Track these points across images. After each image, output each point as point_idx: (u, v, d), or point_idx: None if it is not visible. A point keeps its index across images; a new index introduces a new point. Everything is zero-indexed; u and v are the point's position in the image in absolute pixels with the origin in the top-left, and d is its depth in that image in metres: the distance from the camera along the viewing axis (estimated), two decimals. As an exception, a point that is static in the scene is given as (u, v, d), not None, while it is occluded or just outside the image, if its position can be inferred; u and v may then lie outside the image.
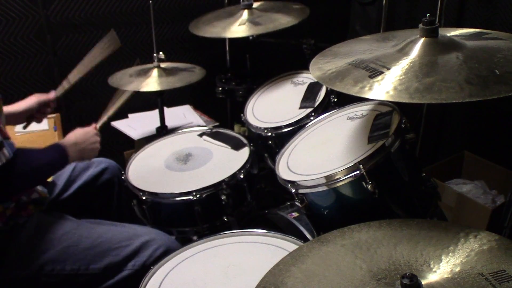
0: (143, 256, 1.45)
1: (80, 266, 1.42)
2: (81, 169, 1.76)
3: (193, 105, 2.60)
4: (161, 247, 1.46)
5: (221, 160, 1.79)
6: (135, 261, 1.45)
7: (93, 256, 1.43)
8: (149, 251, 1.45)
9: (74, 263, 1.41)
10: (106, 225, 1.53)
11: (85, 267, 1.42)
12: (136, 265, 1.44)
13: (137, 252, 1.45)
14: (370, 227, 1.05)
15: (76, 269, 1.41)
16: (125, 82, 1.95)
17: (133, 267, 1.44)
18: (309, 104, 1.80)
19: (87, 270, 1.42)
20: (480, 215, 2.10)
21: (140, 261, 1.44)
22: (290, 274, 0.94)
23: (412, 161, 1.41)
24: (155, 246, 1.46)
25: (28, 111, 1.69)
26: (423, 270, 0.90)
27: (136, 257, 1.45)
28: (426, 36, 1.15)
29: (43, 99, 1.71)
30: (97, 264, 1.43)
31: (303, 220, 1.61)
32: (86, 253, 1.43)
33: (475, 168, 2.44)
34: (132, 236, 1.48)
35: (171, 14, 2.60)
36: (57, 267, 1.40)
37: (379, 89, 1.05)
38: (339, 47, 1.36)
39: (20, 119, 1.69)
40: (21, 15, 2.24)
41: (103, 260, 1.43)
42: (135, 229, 1.53)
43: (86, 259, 1.42)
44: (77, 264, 1.42)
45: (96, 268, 1.43)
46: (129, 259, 1.45)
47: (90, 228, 1.49)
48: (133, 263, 1.44)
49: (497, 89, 0.96)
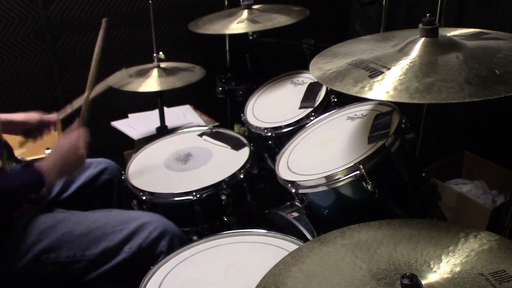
0: (139, 238, 1.43)
1: (75, 253, 1.41)
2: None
3: (193, 105, 2.60)
4: (158, 229, 1.45)
5: (221, 160, 1.79)
6: (131, 243, 1.43)
7: (88, 242, 1.42)
8: (145, 233, 1.44)
9: (69, 250, 1.40)
10: (101, 211, 1.53)
11: (81, 253, 1.41)
12: (133, 247, 1.43)
13: (133, 234, 1.44)
14: (370, 227, 1.05)
15: (72, 256, 1.41)
16: (125, 82, 1.95)
17: (130, 249, 1.43)
18: (309, 104, 1.80)
19: (83, 256, 1.41)
20: (480, 215, 2.10)
21: (137, 243, 1.43)
22: (290, 274, 0.94)
23: (412, 161, 1.41)
24: (151, 228, 1.45)
25: (27, 124, 1.65)
26: (423, 270, 0.90)
27: (132, 239, 1.43)
28: (426, 36, 1.15)
29: (45, 119, 1.67)
30: (93, 249, 1.42)
31: (303, 220, 1.61)
32: (81, 239, 1.41)
33: (475, 168, 2.44)
34: (127, 220, 1.47)
35: (171, 14, 2.60)
36: (52, 255, 1.39)
37: (379, 89, 1.05)
38: (339, 47, 1.36)
39: (18, 129, 1.65)
40: (21, 15, 2.24)
41: (98, 245, 1.42)
42: (130, 213, 1.52)
43: (81, 245, 1.41)
44: (72, 251, 1.41)
45: (92, 253, 1.42)
46: (125, 242, 1.43)
47: (84, 215, 1.49)
48: (129, 245, 1.43)
49: (497, 89, 0.96)
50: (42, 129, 1.69)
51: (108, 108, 2.50)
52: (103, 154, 1.87)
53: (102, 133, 2.49)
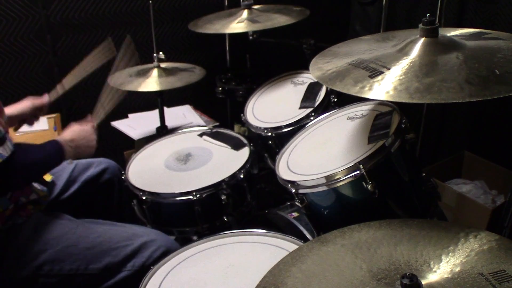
0: (143, 256, 1.44)
1: (79, 266, 1.41)
2: (81, 169, 1.75)
3: (193, 105, 2.60)
4: (161, 248, 1.45)
5: (221, 160, 1.79)
6: (134, 261, 1.44)
7: (92, 256, 1.42)
8: (149, 251, 1.44)
9: (72, 263, 1.41)
10: (106, 225, 1.52)
11: (84, 267, 1.41)
12: (136, 265, 1.44)
13: (136, 252, 1.45)
14: (370, 227, 1.05)
15: (75, 269, 1.41)
16: (125, 82, 1.95)
17: (133, 267, 1.44)
18: (309, 104, 1.80)
19: (86, 270, 1.41)
20: (480, 215, 2.10)
21: (140, 262, 1.44)
22: (290, 274, 0.94)
23: (412, 161, 1.41)
24: (154, 247, 1.45)
25: (22, 115, 1.68)
26: (423, 270, 0.90)
27: (135, 257, 1.44)
28: (426, 36, 1.15)
29: (37, 103, 1.71)
30: (96, 264, 1.42)
31: (303, 220, 1.60)
32: (85, 253, 1.42)
33: (475, 168, 2.44)
34: (131, 236, 1.47)
35: (171, 14, 2.60)
36: (55, 267, 1.40)
37: (379, 89, 1.05)
38: (339, 47, 1.35)
39: (14, 122, 1.69)
40: (21, 15, 2.24)
41: (102, 260, 1.42)
42: (135, 230, 1.52)
43: (85, 259, 1.41)
44: (75, 264, 1.41)
45: (95, 268, 1.42)
46: (128, 260, 1.44)
47: (89, 228, 1.49)
48: (132, 263, 1.44)
49: (497, 89, 0.96)
50: (36, 114, 1.74)
51: (108, 108, 2.51)
52: (103, 154, 1.87)
53: (102, 133, 2.49)
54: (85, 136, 1.56)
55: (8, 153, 1.28)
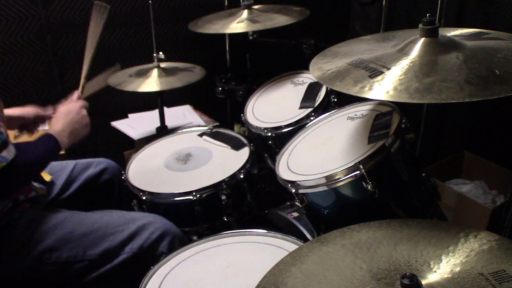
0: (140, 239, 1.44)
1: (77, 253, 1.41)
2: (81, 169, 1.75)
3: (193, 105, 2.60)
4: (158, 230, 1.45)
5: (221, 160, 1.79)
6: (132, 244, 1.44)
7: (90, 242, 1.42)
8: (146, 233, 1.44)
9: (70, 250, 1.41)
10: (102, 212, 1.53)
11: (82, 253, 1.41)
12: (134, 248, 1.44)
13: (134, 235, 1.44)
14: (370, 227, 1.05)
15: (73, 256, 1.41)
16: (125, 82, 1.95)
17: (131, 250, 1.44)
18: (309, 104, 1.80)
19: (84, 256, 1.41)
20: (480, 215, 2.10)
21: (137, 244, 1.44)
22: (290, 274, 0.94)
23: (412, 161, 1.41)
24: (152, 229, 1.45)
25: (23, 119, 1.67)
26: (423, 270, 0.90)
27: (133, 240, 1.44)
28: (426, 36, 1.15)
29: (41, 114, 1.69)
30: (94, 250, 1.42)
31: (303, 220, 1.60)
32: (82, 239, 1.42)
33: (475, 168, 2.44)
34: (128, 221, 1.47)
35: (171, 14, 2.60)
36: (53, 255, 1.39)
37: (379, 89, 1.05)
38: (339, 47, 1.35)
39: (13, 124, 1.67)
40: (21, 15, 2.24)
41: (99, 245, 1.42)
42: (131, 214, 1.53)
43: (82, 245, 1.41)
44: (73, 251, 1.41)
45: (93, 254, 1.42)
46: (126, 243, 1.44)
47: (85, 215, 1.49)
48: (130, 246, 1.44)
49: (497, 89, 0.96)
50: (38, 123, 1.72)
51: (108, 108, 2.51)
52: (103, 154, 1.87)
53: (102, 133, 2.49)
54: (75, 118, 1.52)
55: (12, 156, 1.27)
